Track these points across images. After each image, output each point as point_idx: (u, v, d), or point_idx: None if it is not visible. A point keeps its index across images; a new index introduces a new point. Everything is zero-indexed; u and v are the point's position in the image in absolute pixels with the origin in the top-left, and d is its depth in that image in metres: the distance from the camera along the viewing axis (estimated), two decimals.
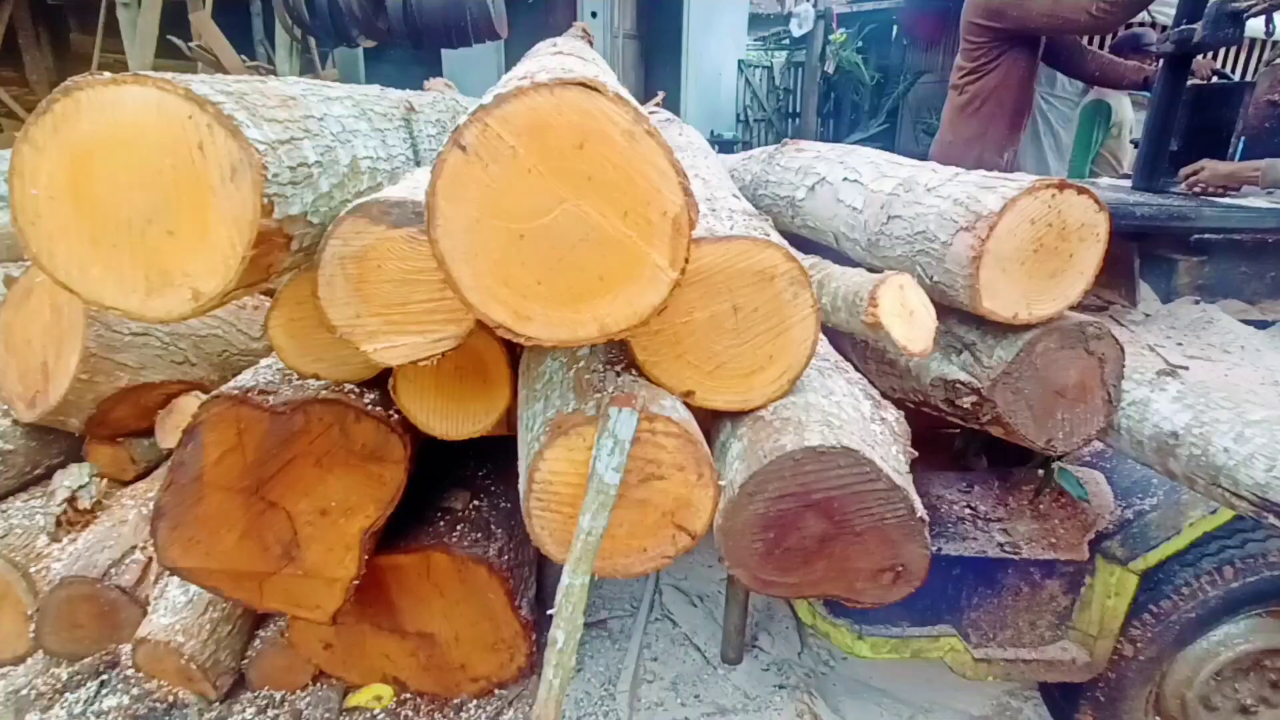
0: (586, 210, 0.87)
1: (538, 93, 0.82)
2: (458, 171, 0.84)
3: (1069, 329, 1.42)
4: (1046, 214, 1.31)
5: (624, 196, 0.86)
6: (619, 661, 2.55)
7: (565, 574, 1.07)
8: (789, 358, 1.19)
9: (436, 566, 2.04)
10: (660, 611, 2.85)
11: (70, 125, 0.88)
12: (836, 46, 11.41)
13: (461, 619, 2.12)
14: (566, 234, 0.88)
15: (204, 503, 1.65)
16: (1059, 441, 1.50)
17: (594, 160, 0.85)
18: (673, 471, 1.13)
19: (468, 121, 0.83)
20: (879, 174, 1.79)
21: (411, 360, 1.22)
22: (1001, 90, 3.60)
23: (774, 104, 12.72)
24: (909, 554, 1.16)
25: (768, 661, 2.60)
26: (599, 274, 0.90)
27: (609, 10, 10.60)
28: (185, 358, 2.40)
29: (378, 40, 6.33)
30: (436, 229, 0.86)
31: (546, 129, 0.83)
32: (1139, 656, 1.91)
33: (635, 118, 0.83)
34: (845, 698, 2.49)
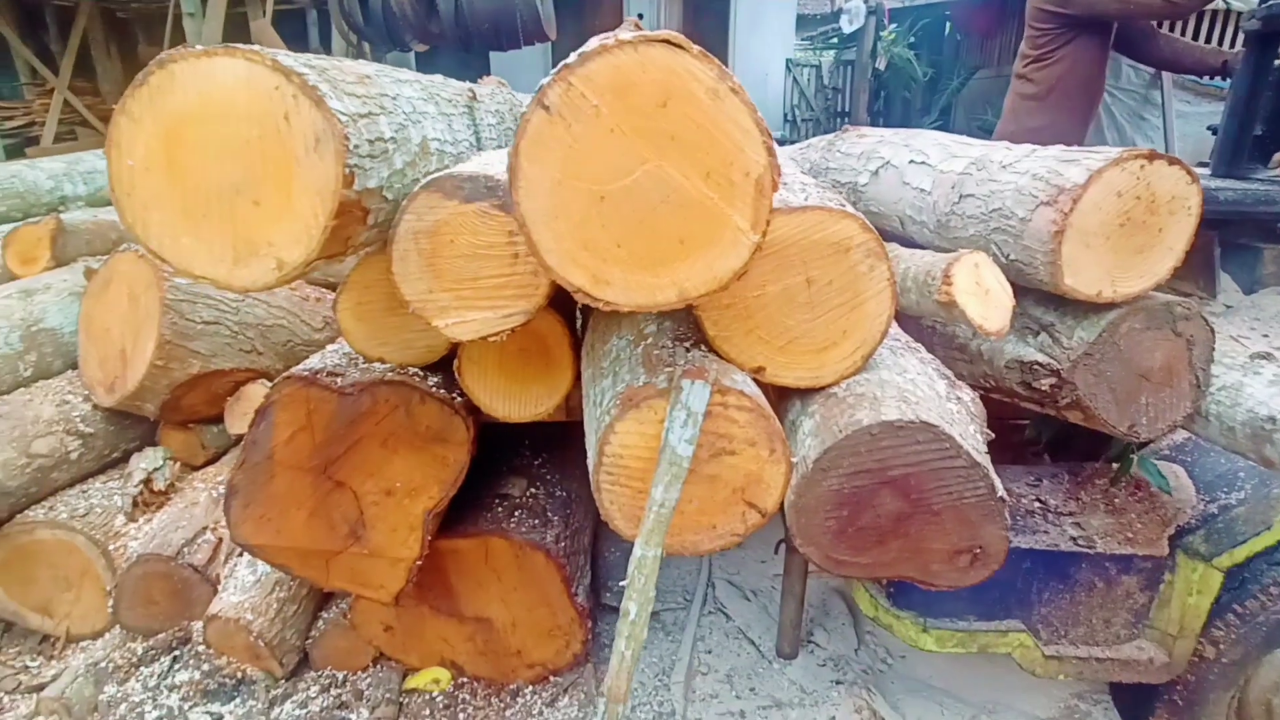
0: (668, 171, 0.86)
1: (621, 50, 0.81)
2: (540, 132, 0.84)
3: (1155, 308, 1.36)
4: (1135, 186, 1.26)
5: (707, 156, 0.85)
6: (673, 653, 2.54)
7: (637, 546, 1.06)
8: (863, 332, 1.16)
9: (495, 552, 2.05)
10: (713, 605, 2.83)
11: (165, 97, 0.91)
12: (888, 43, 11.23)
13: (518, 605, 2.13)
14: (648, 195, 0.87)
15: (275, 481, 1.69)
16: (1142, 427, 1.44)
17: (677, 119, 0.84)
18: (744, 447, 1.11)
19: (551, 80, 0.83)
20: (948, 155, 1.75)
21: (482, 336, 1.23)
22: (1069, 79, 3.45)
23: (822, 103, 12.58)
24: (988, 535, 1.12)
25: (824, 657, 2.55)
26: (679, 237, 0.89)
27: (655, 11, 10.63)
28: (253, 346, 2.47)
29: (429, 44, 6.46)
30: (519, 191, 0.86)
31: (630, 87, 0.82)
32: (1221, 659, 1.82)
33: (720, 75, 0.82)
34: (904, 696, 2.43)
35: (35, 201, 3.42)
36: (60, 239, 2.76)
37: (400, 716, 2.09)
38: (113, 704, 1.99)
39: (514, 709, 2.20)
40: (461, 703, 2.20)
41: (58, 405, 2.23)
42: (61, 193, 3.52)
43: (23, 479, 2.07)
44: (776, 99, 11.55)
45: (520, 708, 2.21)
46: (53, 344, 2.44)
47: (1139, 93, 8.08)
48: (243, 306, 2.45)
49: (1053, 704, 2.39)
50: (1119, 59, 8.43)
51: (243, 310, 2.45)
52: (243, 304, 2.45)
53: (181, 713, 2.01)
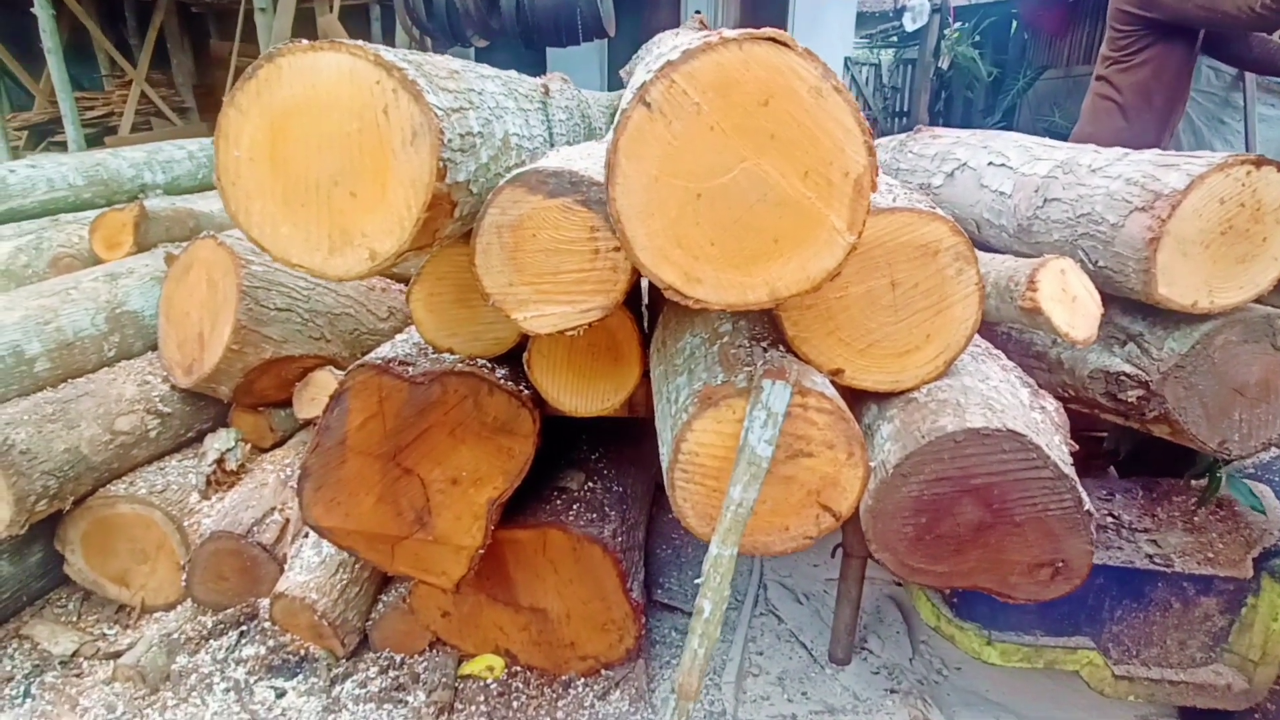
0: (766, 169, 0.86)
1: (726, 48, 0.81)
2: (641, 128, 0.85)
3: (1255, 321, 1.30)
4: (1239, 193, 1.20)
5: (806, 155, 0.84)
6: (724, 653, 2.53)
7: (714, 544, 1.06)
8: (947, 337, 1.14)
9: (553, 543, 2.07)
10: (765, 606, 2.81)
11: (271, 90, 0.94)
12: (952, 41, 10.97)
13: (574, 597, 2.15)
14: (744, 194, 0.87)
15: (346, 466, 1.74)
16: (1234, 444, 1.38)
17: (778, 117, 0.83)
18: (822, 449, 1.10)
19: (654, 78, 0.83)
20: (1030, 157, 1.70)
21: (559, 330, 1.24)
22: (1153, 83, 3.31)
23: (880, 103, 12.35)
24: (1071, 549, 1.09)
25: (877, 665, 2.51)
26: (774, 236, 0.88)
27: (713, 9, 10.58)
28: (321, 334, 2.53)
29: (490, 39, 6.55)
30: (615, 186, 0.87)
31: (732, 85, 0.82)
32: None
33: (824, 73, 0.81)
34: (961, 708, 2.38)
35: (118, 189, 3.56)
36: (143, 225, 2.88)
37: (455, 701, 2.13)
38: (184, 674, 2.07)
39: (566, 700, 2.22)
40: (515, 691, 2.23)
41: (139, 385, 2.33)
42: (142, 180, 3.66)
43: (106, 454, 2.16)
44: None
45: (572, 699, 2.23)
46: (135, 326, 2.54)
47: (1218, 95, 7.73)
48: (313, 295, 2.52)
49: None
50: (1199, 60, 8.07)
51: (313, 298, 2.52)
52: (314, 292, 2.52)
53: (247, 686, 2.08)
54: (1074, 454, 2.27)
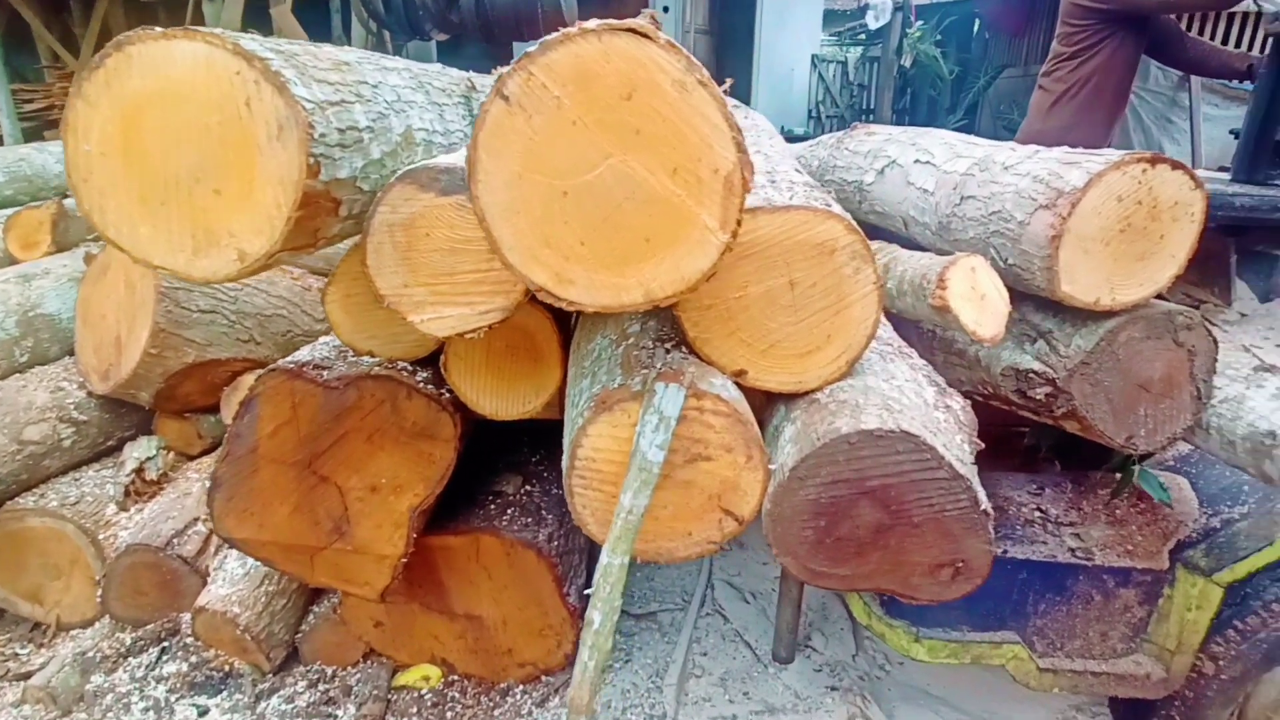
0: (633, 166, 0.83)
1: (584, 39, 0.78)
2: (500, 123, 0.81)
3: (1156, 317, 1.31)
4: (1136, 191, 1.21)
5: (673, 152, 0.82)
6: (668, 654, 2.51)
7: (604, 553, 1.03)
8: (848, 337, 1.12)
9: (486, 549, 2.03)
10: (711, 607, 2.80)
11: (122, 80, 0.89)
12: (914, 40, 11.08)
13: (509, 603, 2.11)
14: (612, 191, 0.84)
15: (258, 475, 1.68)
16: (1140, 439, 1.39)
17: (642, 112, 0.80)
18: (720, 453, 1.08)
19: (511, 70, 0.80)
20: (953, 154, 1.70)
21: (458, 332, 1.21)
22: (1100, 79, 3.37)
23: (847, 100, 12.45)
24: (970, 549, 1.08)
25: (820, 662, 2.52)
26: (645, 235, 0.85)
27: (681, 4, 10.54)
28: (250, 336, 2.46)
29: (450, 33, 6.45)
30: (477, 184, 0.83)
31: (593, 78, 0.79)
32: (1221, 675, 1.77)
33: (687, 67, 0.78)
34: (900, 703, 2.39)
35: (43, 185, 3.43)
36: (62, 223, 2.77)
37: (387, 714, 2.08)
38: (99, 694, 1.99)
39: (503, 708, 2.18)
40: (450, 701, 2.19)
41: (52, 392, 2.24)
42: None
43: (13, 465, 2.07)
44: (802, 95, 11.43)
45: (509, 707, 2.19)
46: (50, 330, 2.44)
47: (1166, 95, 7.92)
48: (241, 296, 2.45)
49: (1050, 715, 2.35)
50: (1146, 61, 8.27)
51: (241, 300, 2.44)
52: (241, 293, 2.45)
53: (168, 704, 2.01)
54: (1018, 447, 2.29)
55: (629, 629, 2.59)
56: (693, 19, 11.43)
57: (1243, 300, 2.58)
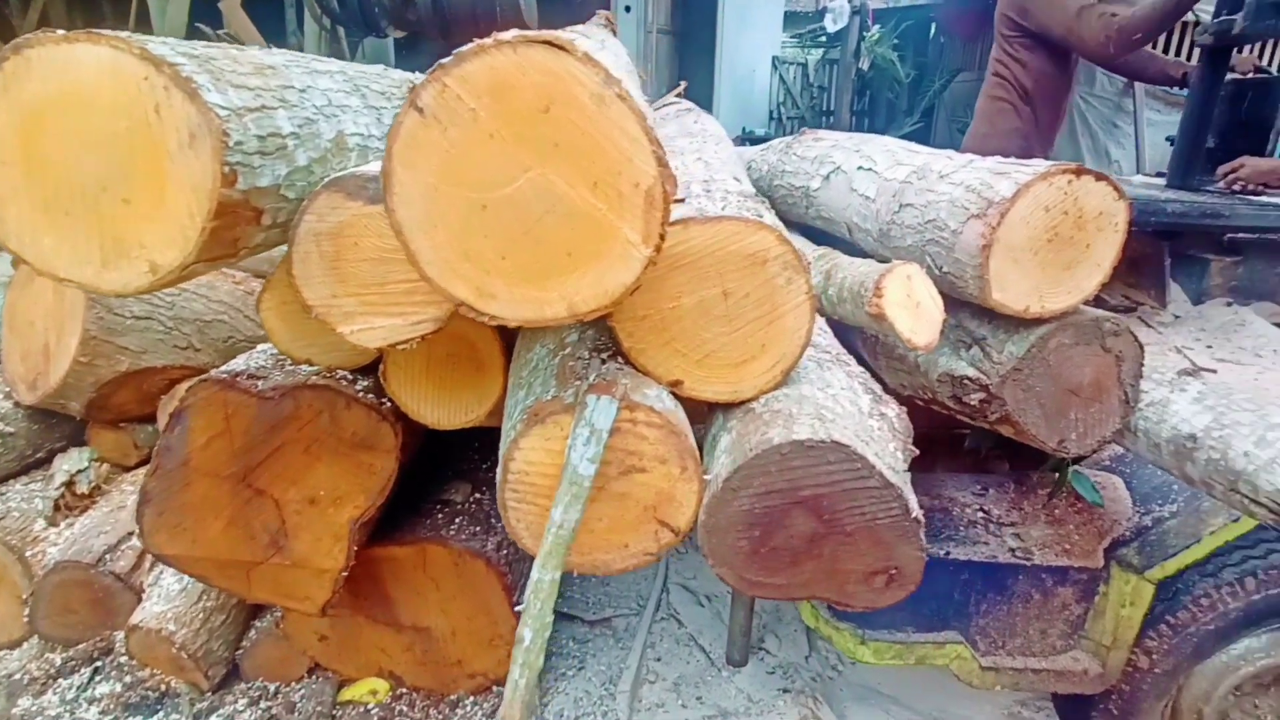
0: (553, 179, 0.82)
1: (500, 50, 0.77)
2: (414, 135, 0.79)
3: (1084, 324, 1.34)
4: (1062, 201, 1.23)
5: (593, 165, 0.81)
6: (622, 661, 2.50)
7: (535, 569, 1.02)
8: (782, 347, 1.13)
9: (433, 559, 2.00)
10: (667, 611, 2.80)
11: (20, 85, 0.85)
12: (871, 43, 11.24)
13: (459, 613, 2.08)
14: (532, 205, 0.83)
15: (190, 489, 1.63)
16: (1072, 443, 1.42)
17: (561, 125, 0.79)
18: (654, 464, 1.08)
19: (425, 81, 0.78)
20: (894, 162, 1.72)
21: (390, 343, 1.18)
22: (1038, 84, 3.47)
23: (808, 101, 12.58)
24: (903, 556, 1.09)
25: (773, 664, 2.53)
26: (567, 249, 0.84)
27: (643, 5, 10.53)
28: (189, 343, 2.39)
29: (406, 31, 6.35)
30: (393, 197, 0.81)
31: (509, 90, 0.78)
32: (1154, 669, 1.82)
33: (605, 80, 0.77)
34: (852, 703, 2.42)
35: None
36: None
37: None
38: (27, 718, 1.91)
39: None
40: (398, 714, 2.15)
41: None
42: None
43: None
44: (763, 96, 11.53)
45: (460, 719, 2.17)
46: None
47: (1112, 100, 8.16)
48: (179, 301, 2.37)
49: (997, 710, 2.40)
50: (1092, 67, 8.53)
51: (179, 305, 2.37)
52: (179, 298, 2.37)
53: None
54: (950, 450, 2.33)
55: (583, 636, 2.58)
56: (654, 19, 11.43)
57: (1177, 302, 2.67)
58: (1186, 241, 2.64)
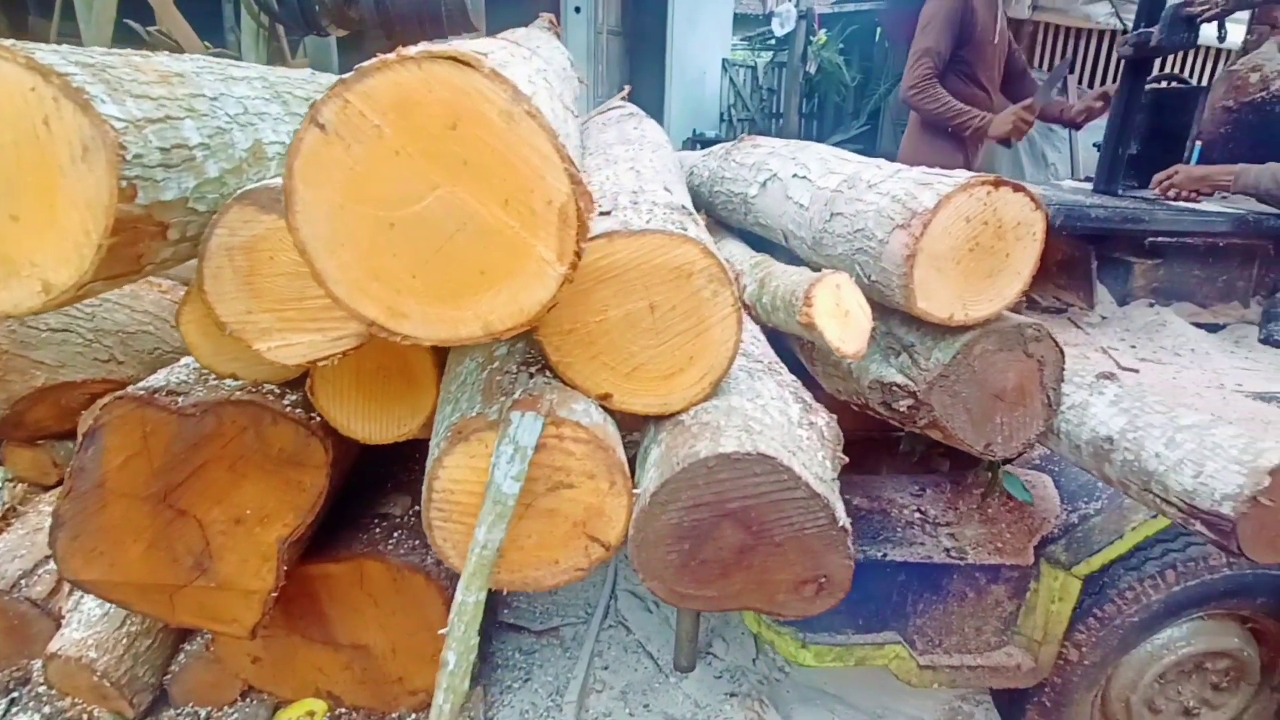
0: (463, 197, 0.80)
1: (404, 66, 0.75)
2: (317, 152, 0.77)
3: (1007, 331, 1.38)
4: (982, 212, 1.26)
5: (504, 183, 0.79)
6: (569, 670, 2.49)
7: (459, 590, 1.00)
8: (710, 359, 1.13)
9: (370, 575, 1.95)
10: (615, 618, 2.79)
11: None
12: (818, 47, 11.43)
13: (398, 630, 2.04)
14: (442, 223, 0.81)
15: (106, 511, 1.56)
16: (998, 446, 1.46)
17: (469, 142, 0.78)
18: (583, 480, 1.07)
19: (326, 97, 0.75)
20: (827, 170, 1.74)
21: (310, 360, 1.15)
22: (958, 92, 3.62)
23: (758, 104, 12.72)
24: (831, 565, 1.10)
25: (721, 669, 2.54)
26: (480, 267, 0.82)
27: (593, 6, 10.51)
28: (111, 356, 2.29)
29: (348, 30, 6.21)
30: (296, 215, 0.79)
31: (414, 106, 0.76)
32: (1084, 661, 1.88)
33: (514, 97, 0.76)
34: (798, 704, 2.44)
35: None
36: None
37: None
38: None
39: None
40: None
41: None
42: None
43: None
44: (714, 98, 11.62)
45: None
46: None
47: None
48: (100, 312, 2.27)
49: (938, 706, 2.45)
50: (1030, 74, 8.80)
51: (99, 316, 2.27)
52: (100, 309, 2.27)
53: None
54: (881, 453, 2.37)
55: (530, 647, 2.56)
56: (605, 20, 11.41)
57: (1104, 303, 2.77)
58: (1112, 245, 2.74)
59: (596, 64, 10.95)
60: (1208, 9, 2.49)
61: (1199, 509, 1.20)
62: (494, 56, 0.89)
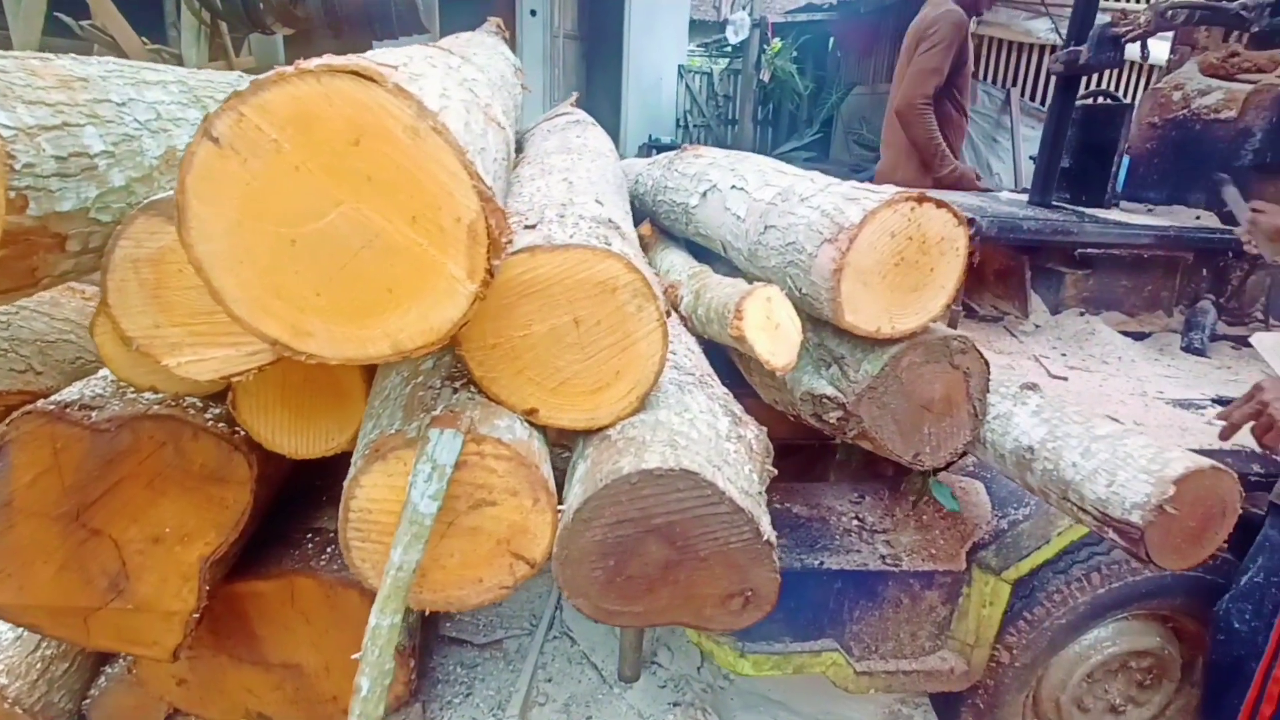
0: (368, 214, 0.78)
1: (302, 80, 0.72)
2: (211, 167, 0.74)
3: (933, 343, 1.40)
4: (907, 227, 1.28)
5: (411, 200, 0.78)
6: (511, 684, 2.46)
7: (373, 613, 0.98)
8: (637, 373, 1.12)
9: (302, 593, 1.90)
10: (560, 629, 2.77)
11: None
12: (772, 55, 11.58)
13: (332, 648, 1.98)
14: (346, 240, 0.79)
15: (14, 531, 1.48)
16: (926, 456, 1.48)
17: (373, 158, 0.76)
18: (506, 497, 1.05)
19: (220, 109, 0.73)
20: (763, 182, 1.76)
21: (224, 375, 1.11)
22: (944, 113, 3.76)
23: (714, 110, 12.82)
24: (757, 578, 1.10)
25: (665, 678, 2.54)
26: (387, 285, 0.81)
27: (549, 9, 10.45)
28: (28, 365, 2.18)
29: (295, 28, 6.06)
30: (190, 232, 0.76)
31: (314, 121, 0.74)
32: (1015, 663, 1.93)
33: (419, 113, 0.74)
34: (741, 712, 2.46)
35: None
36: None
37: None
38: None
39: None
40: None
41: None
42: None
43: None
44: (670, 104, 11.69)
45: None
46: None
47: (992, 117, 8.71)
48: (16, 320, 2.17)
49: (879, 710, 2.49)
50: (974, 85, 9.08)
51: (16, 325, 2.16)
52: (16, 317, 2.17)
53: None
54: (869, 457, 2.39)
55: (472, 660, 2.52)
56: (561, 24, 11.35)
57: (1037, 312, 2.86)
58: (1045, 255, 2.83)
59: (552, 68, 10.90)
60: (1132, 30, 2.58)
61: (1111, 517, 1.24)
62: (408, 68, 0.87)
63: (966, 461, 2.17)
